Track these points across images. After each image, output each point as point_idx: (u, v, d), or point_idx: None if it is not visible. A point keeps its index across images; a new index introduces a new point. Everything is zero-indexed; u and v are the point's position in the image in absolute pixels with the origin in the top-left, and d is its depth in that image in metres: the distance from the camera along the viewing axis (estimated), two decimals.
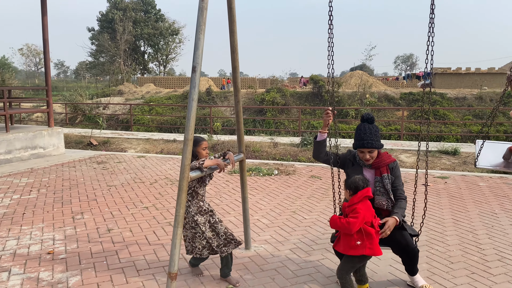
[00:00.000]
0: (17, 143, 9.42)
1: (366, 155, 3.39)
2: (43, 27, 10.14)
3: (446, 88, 31.59)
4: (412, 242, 3.38)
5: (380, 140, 3.40)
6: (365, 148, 3.36)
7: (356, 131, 3.43)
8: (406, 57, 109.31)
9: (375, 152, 3.40)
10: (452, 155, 11.03)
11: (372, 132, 3.35)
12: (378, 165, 3.43)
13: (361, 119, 3.46)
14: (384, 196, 3.41)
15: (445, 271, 3.96)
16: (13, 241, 4.67)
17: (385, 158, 3.46)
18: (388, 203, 3.41)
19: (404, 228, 3.37)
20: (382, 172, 3.42)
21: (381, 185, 3.41)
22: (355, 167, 3.52)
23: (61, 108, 26.40)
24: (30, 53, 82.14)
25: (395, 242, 3.35)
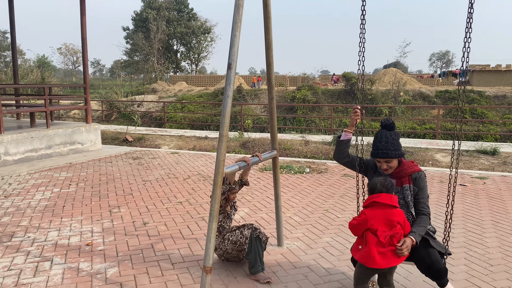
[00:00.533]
0: (56, 139, 9.78)
1: (383, 164, 3.15)
2: (82, 26, 10.47)
3: (485, 86, 30.45)
4: (440, 261, 2.99)
5: (400, 148, 3.13)
6: (380, 158, 3.14)
7: (373, 139, 3.21)
8: (442, 54, 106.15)
9: (393, 161, 3.14)
10: (491, 155, 10.65)
11: (389, 141, 3.10)
12: (399, 175, 3.16)
13: (380, 125, 3.23)
14: (404, 209, 3.10)
15: (484, 274, 3.84)
16: (55, 232, 4.86)
17: (407, 168, 3.16)
18: (408, 217, 3.09)
19: (431, 245, 3.02)
20: (403, 183, 3.14)
21: (401, 197, 3.13)
22: (376, 175, 3.28)
23: (97, 105, 27.21)
24: (68, 52, 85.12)
25: (419, 260, 3.03)
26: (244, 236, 3.67)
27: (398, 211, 2.94)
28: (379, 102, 23.75)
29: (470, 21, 2.95)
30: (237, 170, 3.46)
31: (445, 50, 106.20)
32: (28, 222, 5.19)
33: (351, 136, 3.42)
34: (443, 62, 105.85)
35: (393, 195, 2.98)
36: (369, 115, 22.08)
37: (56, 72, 68.58)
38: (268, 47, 4.02)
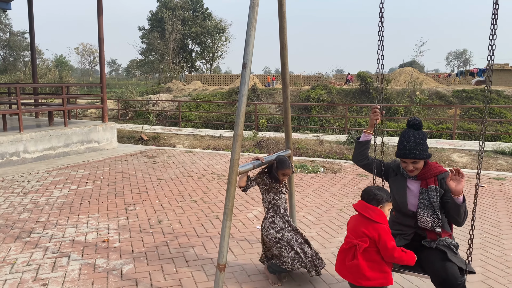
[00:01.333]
0: (74, 137, 9.95)
1: (409, 165, 2.98)
2: (99, 26, 10.62)
3: (504, 85, 29.91)
4: (457, 277, 2.69)
5: (427, 149, 2.98)
6: (407, 158, 2.96)
7: (399, 138, 3.04)
8: (459, 53, 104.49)
9: (420, 163, 2.97)
10: (509, 156, 10.46)
11: (417, 141, 2.94)
12: (424, 176, 3.01)
13: (406, 124, 3.08)
14: (429, 210, 2.93)
15: (501, 276, 3.79)
16: (72, 229, 4.95)
17: (433, 168, 3.01)
18: (433, 220, 2.92)
19: (449, 259, 2.77)
20: (429, 183, 2.97)
21: (426, 198, 2.96)
22: (398, 177, 3.15)
23: (113, 105, 27.55)
24: (85, 51, 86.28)
25: (434, 273, 2.79)
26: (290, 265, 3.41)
27: (377, 226, 2.73)
28: (394, 102, 23.52)
29: (495, 17, 2.83)
30: (251, 169, 3.47)
31: (462, 49, 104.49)
32: (46, 219, 5.30)
33: (371, 137, 3.33)
34: (460, 61, 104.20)
35: (373, 207, 2.78)
36: (385, 115, 21.88)
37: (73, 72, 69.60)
38: (282, 47, 4.03)
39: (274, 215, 3.54)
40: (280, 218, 3.54)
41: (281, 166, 3.54)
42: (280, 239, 3.44)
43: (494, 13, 2.82)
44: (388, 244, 2.70)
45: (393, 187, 3.14)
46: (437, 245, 2.89)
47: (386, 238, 2.71)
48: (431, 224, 2.93)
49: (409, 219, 3.06)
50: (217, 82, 47.65)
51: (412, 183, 3.08)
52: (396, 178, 3.16)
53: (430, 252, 2.89)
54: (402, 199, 3.06)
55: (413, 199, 3.04)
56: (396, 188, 3.12)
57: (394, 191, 3.12)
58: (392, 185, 3.17)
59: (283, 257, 3.41)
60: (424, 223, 2.95)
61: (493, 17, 2.81)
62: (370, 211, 2.78)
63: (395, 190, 3.12)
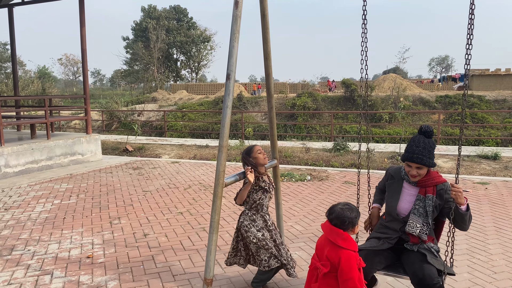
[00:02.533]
0: (57, 150, 9.78)
1: (414, 170, 2.99)
2: (82, 38, 10.52)
3: (485, 90, 30.48)
4: (433, 277, 2.76)
5: (433, 158, 3.00)
6: (414, 162, 2.97)
7: (409, 143, 3.07)
8: (441, 59, 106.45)
9: (424, 169, 2.99)
10: (493, 160, 10.61)
11: (426, 147, 2.96)
12: (424, 184, 3.03)
13: (418, 131, 3.10)
14: (421, 218, 2.98)
15: (488, 282, 3.80)
16: (55, 245, 4.83)
17: (434, 177, 3.04)
18: (422, 228, 2.97)
19: (427, 261, 2.86)
20: (427, 192, 3.01)
21: (421, 205, 3.00)
22: (394, 181, 3.18)
23: (97, 115, 27.25)
24: (68, 62, 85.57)
25: (412, 274, 2.87)
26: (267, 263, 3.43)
27: (340, 251, 2.56)
28: (379, 108, 23.77)
29: (471, 27, 2.93)
30: (237, 180, 3.44)
31: (444, 55, 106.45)
32: (28, 235, 5.17)
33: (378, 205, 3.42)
34: (442, 67, 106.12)
35: (338, 231, 2.61)
36: (370, 121, 22.08)
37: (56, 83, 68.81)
38: (266, 58, 4.03)
39: (256, 214, 3.52)
40: (261, 217, 3.53)
41: (250, 148, 3.56)
42: (260, 239, 3.43)
43: (470, 23, 2.87)
44: (345, 274, 2.52)
45: (388, 190, 3.20)
46: (418, 248, 2.98)
47: (344, 266, 2.53)
48: (419, 231, 2.97)
49: (396, 223, 3.11)
50: (203, 91, 47.60)
51: (410, 188, 3.11)
52: (393, 182, 3.20)
53: (411, 254, 2.99)
54: (392, 202, 3.13)
55: (406, 204, 3.08)
56: (391, 191, 3.19)
57: (388, 194, 3.20)
58: (387, 188, 3.23)
59: (260, 254, 3.43)
60: (412, 228, 2.98)
61: (469, 26, 2.86)
62: (334, 235, 2.61)
63: (389, 193, 3.19)
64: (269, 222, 3.55)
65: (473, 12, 2.93)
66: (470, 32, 2.89)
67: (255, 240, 3.43)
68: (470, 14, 2.92)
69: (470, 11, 2.90)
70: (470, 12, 2.92)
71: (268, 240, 3.46)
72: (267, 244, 3.43)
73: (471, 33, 2.91)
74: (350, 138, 17.13)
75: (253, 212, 3.52)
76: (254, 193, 3.53)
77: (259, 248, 3.44)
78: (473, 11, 2.94)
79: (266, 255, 3.43)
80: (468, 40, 2.91)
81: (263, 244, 3.43)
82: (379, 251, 3.07)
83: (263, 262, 3.43)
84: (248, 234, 3.46)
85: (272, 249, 3.44)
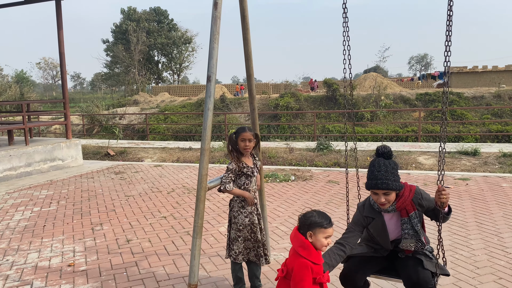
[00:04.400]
0: (36, 156, 9.57)
1: (381, 198, 2.77)
2: (59, 41, 10.32)
3: (463, 87, 31.11)
4: (428, 281, 2.70)
5: (399, 179, 2.81)
6: (379, 189, 2.75)
7: (369, 168, 2.86)
8: (421, 57, 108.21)
9: (392, 194, 2.77)
10: (472, 156, 10.80)
11: (389, 170, 2.76)
12: (403, 206, 2.83)
13: (376, 153, 2.90)
14: (414, 238, 2.84)
15: (471, 277, 3.84)
16: (35, 254, 4.71)
17: (407, 195, 2.84)
18: (417, 245, 2.85)
19: (422, 265, 2.79)
20: (409, 212, 2.82)
21: (409, 227, 2.84)
22: (374, 220, 2.91)
23: (78, 120, 26.82)
24: (47, 66, 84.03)
25: (405, 276, 2.80)
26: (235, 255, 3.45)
27: (297, 260, 2.46)
28: (360, 107, 23.99)
29: (450, 23, 2.92)
30: (220, 184, 3.40)
31: (423, 53, 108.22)
32: (6, 245, 5.02)
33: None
34: (422, 65, 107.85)
35: (300, 238, 2.49)
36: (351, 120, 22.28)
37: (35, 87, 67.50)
38: (247, 59, 4.00)
39: (244, 200, 3.49)
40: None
41: (239, 130, 3.49)
42: (242, 230, 3.44)
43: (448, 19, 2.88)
44: (294, 283, 2.42)
45: (373, 231, 2.98)
46: (413, 253, 2.91)
47: (296, 276, 2.42)
48: (414, 249, 2.89)
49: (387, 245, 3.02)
50: (185, 92, 47.30)
51: (390, 216, 2.94)
52: (374, 222, 2.93)
53: (405, 259, 2.93)
54: (385, 239, 2.96)
55: (394, 233, 2.95)
56: (376, 231, 2.96)
57: (375, 234, 2.98)
58: (371, 229, 2.98)
59: (234, 244, 3.46)
60: (407, 247, 2.89)
61: (447, 23, 2.87)
62: (296, 241, 2.52)
63: (375, 233, 2.98)
64: (255, 206, 3.54)
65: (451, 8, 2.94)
66: (449, 29, 2.90)
67: (241, 227, 3.44)
68: (448, 10, 2.93)
69: (449, 7, 2.90)
70: (448, 9, 2.92)
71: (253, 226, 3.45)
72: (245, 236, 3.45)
73: (450, 30, 2.91)
74: (333, 138, 17.23)
75: (241, 199, 3.49)
76: (238, 179, 3.51)
77: (237, 237, 3.45)
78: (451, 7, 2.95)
79: (238, 249, 3.46)
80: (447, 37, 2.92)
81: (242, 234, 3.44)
82: (372, 257, 3.02)
83: (232, 252, 3.47)
84: (236, 220, 3.48)
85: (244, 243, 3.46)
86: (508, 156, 10.31)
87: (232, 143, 3.50)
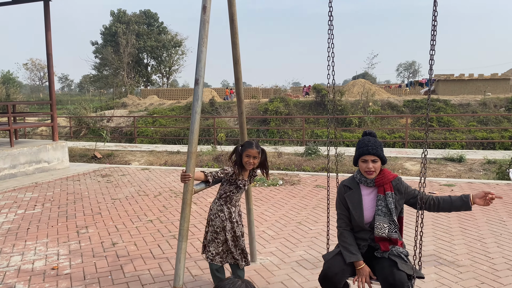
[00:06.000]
0: (21, 158, 9.44)
1: (370, 164, 2.99)
2: (47, 42, 10.23)
3: (450, 94, 31.50)
4: (403, 282, 2.79)
5: (383, 153, 3.07)
6: (370, 154, 2.99)
7: (358, 143, 3.11)
8: (409, 65, 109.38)
9: (378, 163, 3.02)
10: (458, 162, 10.95)
11: (377, 143, 3.05)
12: (381, 182, 3.05)
13: (363, 134, 3.19)
14: (387, 217, 2.98)
15: (454, 281, 3.90)
16: (18, 257, 4.64)
17: (388, 174, 3.09)
18: (390, 227, 2.98)
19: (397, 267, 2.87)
20: (386, 190, 3.02)
21: (384, 204, 3.01)
22: (352, 191, 3.11)
23: (65, 122, 26.53)
24: (34, 67, 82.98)
25: (382, 278, 2.88)
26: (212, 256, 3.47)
27: None
28: (348, 113, 24.15)
29: (434, 33, 2.99)
30: (207, 187, 3.40)
31: (411, 61, 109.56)
32: None
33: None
34: (410, 72, 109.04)
35: None
36: (340, 126, 22.43)
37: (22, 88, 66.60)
38: (236, 63, 4.02)
39: (224, 204, 3.50)
40: (228, 209, 3.50)
41: (246, 145, 3.47)
42: (219, 232, 3.45)
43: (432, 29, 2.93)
44: None
45: (349, 202, 3.11)
46: (389, 255, 2.98)
47: None
48: (388, 230, 2.97)
49: (364, 232, 3.09)
50: (174, 96, 47.08)
51: (369, 191, 3.10)
52: (351, 192, 3.12)
53: (381, 261, 2.99)
54: (359, 213, 3.06)
55: (369, 212, 3.06)
56: (352, 202, 3.11)
57: (350, 206, 3.11)
58: (348, 200, 3.12)
59: (211, 246, 3.47)
60: (381, 229, 2.98)
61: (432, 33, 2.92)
62: None
63: (351, 205, 3.10)
64: (233, 214, 3.53)
65: (435, 19, 3.01)
66: (433, 38, 2.96)
67: (218, 230, 3.46)
68: (433, 20, 2.99)
69: (433, 18, 2.97)
70: (433, 19, 2.99)
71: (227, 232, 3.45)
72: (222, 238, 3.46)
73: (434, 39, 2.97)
74: (322, 143, 17.33)
75: (221, 202, 3.51)
76: (228, 185, 3.51)
77: (214, 239, 3.47)
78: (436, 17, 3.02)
79: (215, 250, 3.47)
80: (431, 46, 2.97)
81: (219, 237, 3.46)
82: None
83: (209, 254, 3.48)
84: (213, 223, 3.48)
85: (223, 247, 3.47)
86: (492, 163, 10.48)
87: (237, 155, 3.50)
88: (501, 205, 6.53)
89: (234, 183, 3.49)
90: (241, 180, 3.49)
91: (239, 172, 3.45)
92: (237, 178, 3.46)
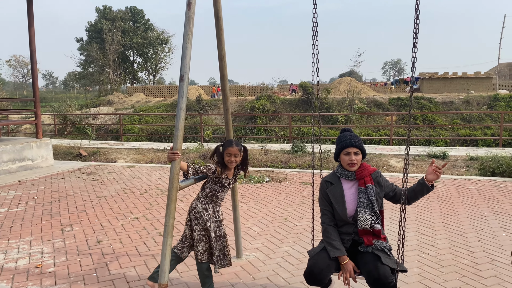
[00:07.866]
0: (4, 156, 9.30)
1: (352, 156, 3.09)
2: (30, 39, 10.08)
3: (434, 92, 31.93)
4: (388, 276, 2.85)
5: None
6: (352, 146, 3.09)
7: (338, 138, 3.23)
8: (394, 63, 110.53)
9: (360, 156, 3.14)
10: (441, 159, 11.11)
11: (358, 137, 3.18)
12: (362, 174, 3.14)
13: (341, 131, 3.30)
14: (369, 209, 3.06)
15: (436, 275, 3.97)
16: (1, 256, 4.58)
17: (368, 167, 3.20)
18: (373, 218, 3.06)
19: (380, 259, 2.94)
20: (366, 182, 3.12)
21: (365, 197, 3.09)
22: (333, 186, 3.19)
23: (50, 119, 26.17)
24: (18, 64, 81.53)
25: (368, 274, 2.93)
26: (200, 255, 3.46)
27: None
28: (335, 111, 24.32)
29: (416, 31, 3.04)
30: (192, 183, 3.41)
31: (397, 59, 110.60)
32: None
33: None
34: (395, 70, 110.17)
35: None
36: (326, 123, 22.56)
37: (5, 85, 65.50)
38: (221, 59, 4.02)
39: (209, 203, 3.50)
40: (212, 208, 3.51)
41: (226, 144, 3.48)
42: (207, 229, 3.45)
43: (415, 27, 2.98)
44: None
45: (331, 197, 3.17)
46: (372, 249, 3.03)
47: None
48: (370, 222, 3.05)
49: (348, 226, 3.14)
50: (161, 93, 46.79)
51: (350, 185, 3.18)
52: (333, 187, 3.19)
53: (365, 255, 3.04)
54: (341, 207, 3.12)
55: (351, 205, 3.12)
56: (334, 197, 3.16)
57: (333, 201, 3.16)
58: (330, 195, 3.18)
59: (199, 244, 3.45)
60: (364, 221, 3.04)
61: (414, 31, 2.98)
62: None
63: (333, 200, 3.16)
64: (216, 214, 3.54)
65: (418, 17, 3.06)
66: (415, 36, 3.01)
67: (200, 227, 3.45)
68: (415, 19, 3.04)
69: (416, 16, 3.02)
70: (415, 17, 3.04)
71: (212, 231, 3.46)
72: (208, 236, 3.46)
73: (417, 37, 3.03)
74: (308, 140, 17.42)
75: (207, 201, 3.50)
76: (213, 184, 3.51)
77: (201, 237, 3.45)
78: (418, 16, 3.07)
79: (203, 248, 3.46)
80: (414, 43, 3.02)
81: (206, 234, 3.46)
82: None
83: (198, 252, 3.46)
84: (200, 221, 3.45)
85: (209, 244, 3.48)
86: (474, 160, 10.67)
87: (218, 155, 3.50)
88: (483, 200, 6.67)
89: (219, 181, 3.50)
90: (226, 179, 3.50)
91: (221, 171, 3.46)
92: (221, 177, 3.47)
